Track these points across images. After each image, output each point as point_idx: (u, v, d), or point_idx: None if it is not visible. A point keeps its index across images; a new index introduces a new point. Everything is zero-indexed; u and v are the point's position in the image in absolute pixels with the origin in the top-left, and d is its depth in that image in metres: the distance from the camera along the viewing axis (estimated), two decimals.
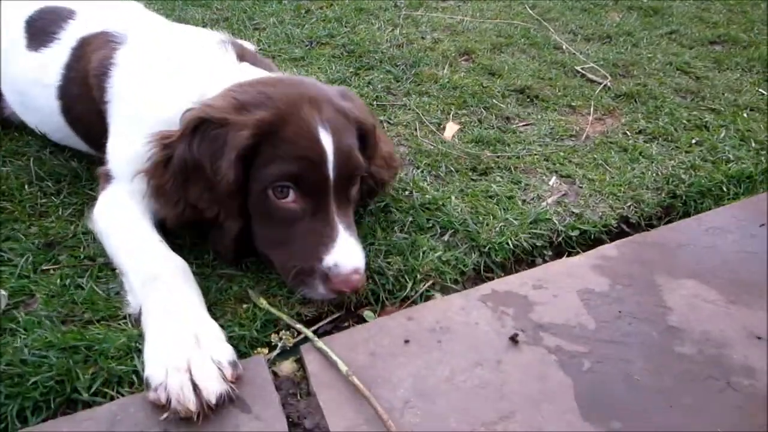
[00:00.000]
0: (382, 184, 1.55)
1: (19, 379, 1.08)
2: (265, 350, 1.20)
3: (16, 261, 1.40)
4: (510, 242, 1.52)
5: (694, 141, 2.05)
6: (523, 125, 2.17)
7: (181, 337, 1.09)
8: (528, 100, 2.36)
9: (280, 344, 1.18)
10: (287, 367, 1.19)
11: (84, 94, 1.56)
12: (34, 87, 1.70)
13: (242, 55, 1.53)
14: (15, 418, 1.04)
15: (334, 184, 1.26)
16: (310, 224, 1.25)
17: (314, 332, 1.30)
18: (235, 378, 1.06)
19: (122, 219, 1.39)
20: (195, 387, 0.99)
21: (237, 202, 1.28)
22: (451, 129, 2.11)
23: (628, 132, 2.13)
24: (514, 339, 1.21)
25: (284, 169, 1.22)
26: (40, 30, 1.71)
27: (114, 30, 1.60)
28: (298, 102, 1.27)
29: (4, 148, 1.85)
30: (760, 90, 2.47)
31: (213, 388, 1.01)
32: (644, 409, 1.09)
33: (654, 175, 1.85)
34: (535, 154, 1.95)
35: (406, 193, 1.72)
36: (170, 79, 1.44)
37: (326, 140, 1.24)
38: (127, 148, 1.41)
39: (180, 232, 1.43)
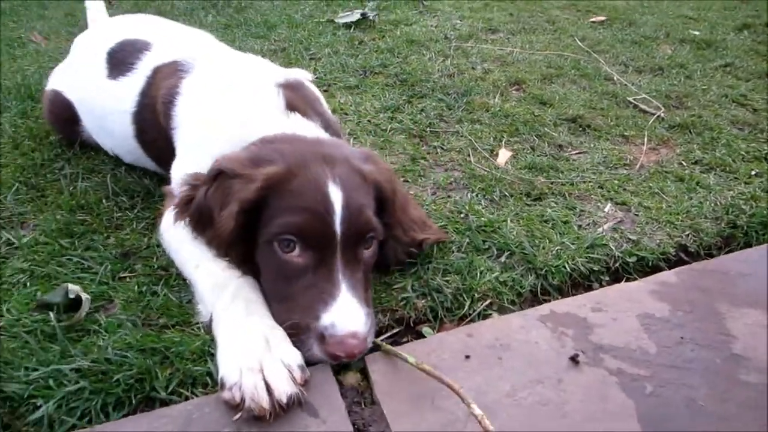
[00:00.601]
0: (419, 244, 1.49)
1: (102, 376, 1.15)
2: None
3: (96, 269, 1.49)
4: (567, 266, 1.54)
5: (753, 172, 2.03)
6: (576, 153, 2.20)
7: (252, 341, 1.14)
8: (580, 129, 2.38)
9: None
10: (351, 377, 1.22)
11: (155, 120, 1.67)
12: (112, 113, 1.83)
13: (292, 104, 1.53)
14: (99, 412, 1.10)
15: (341, 240, 1.21)
16: (312, 279, 1.20)
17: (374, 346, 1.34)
18: (303, 381, 1.10)
19: (185, 235, 1.44)
20: (267, 387, 1.04)
21: (239, 252, 1.30)
22: (503, 155, 2.14)
23: (683, 162, 2.12)
24: (574, 359, 1.22)
25: (289, 221, 1.21)
26: (120, 61, 1.84)
27: (183, 59, 1.71)
28: (311, 158, 1.28)
29: (81, 166, 1.98)
30: None
31: (284, 388, 1.05)
32: None
33: (712, 205, 1.84)
34: (590, 182, 1.97)
35: (462, 215, 1.75)
36: (223, 116, 1.51)
37: (335, 195, 1.22)
38: (184, 171, 1.49)
39: None
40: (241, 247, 1.30)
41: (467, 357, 1.23)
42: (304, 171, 1.25)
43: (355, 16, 3.54)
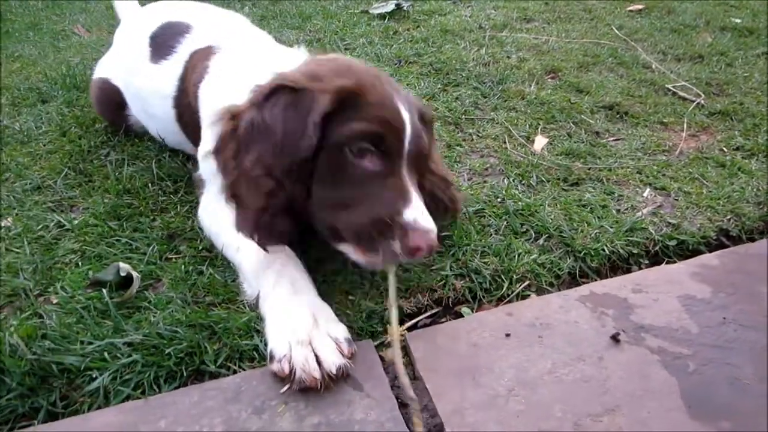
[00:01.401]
0: (441, 203, 1.50)
1: (154, 350, 1.20)
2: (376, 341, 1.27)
3: (143, 249, 1.54)
4: (606, 248, 1.54)
5: None
6: (614, 140, 2.18)
7: (300, 315, 1.17)
8: (617, 116, 2.36)
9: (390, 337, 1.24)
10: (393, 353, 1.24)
11: (190, 103, 1.71)
12: (155, 96, 1.88)
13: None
14: (152, 384, 1.15)
15: (407, 156, 1.26)
16: (385, 184, 1.22)
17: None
18: (350, 354, 1.13)
19: (222, 221, 1.46)
20: (317, 358, 1.07)
21: (310, 168, 1.23)
22: (540, 142, 2.14)
23: (724, 148, 2.09)
24: (615, 338, 1.22)
25: (367, 128, 1.20)
26: (162, 44, 1.89)
27: (217, 44, 1.74)
28: (378, 77, 1.30)
29: (126, 152, 2.04)
30: None
31: (333, 360, 1.08)
32: (754, 411, 1.07)
33: (755, 190, 1.81)
34: (628, 167, 1.95)
35: (499, 200, 1.76)
36: (245, 82, 1.38)
37: (405, 114, 1.26)
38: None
39: None
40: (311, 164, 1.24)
41: (507, 335, 1.24)
42: (375, 87, 1.26)
43: (390, 6, 3.55)
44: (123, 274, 1.35)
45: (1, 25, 3.80)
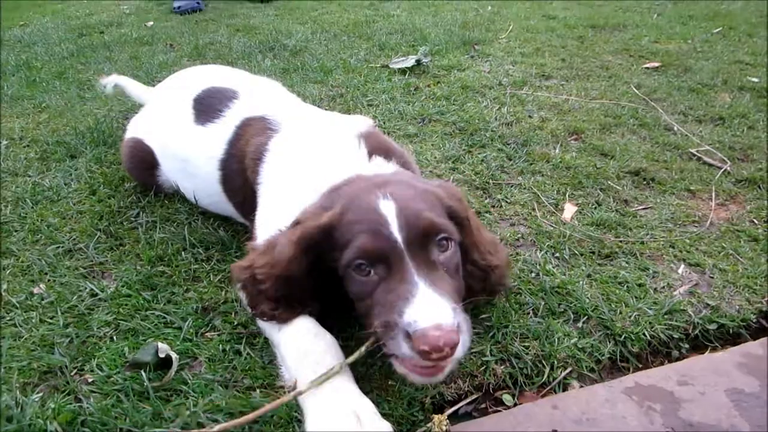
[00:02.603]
0: (493, 269, 1.48)
1: None
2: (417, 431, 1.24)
3: (178, 323, 1.53)
4: (646, 332, 1.52)
5: None
6: (642, 209, 2.17)
7: (341, 413, 1.15)
8: (644, 182, 2.36)
9: (434, 427, 1.21)
10: None
11: (242, 171, 1.73)
12: (198, 157, 1.90)
13: (375, 149, 1.59)
14: None
15: (406, 245, 1.22)
16: (388, 285, 1.21)
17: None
18: None
19: None
20: None
21: (306, 286, 1.36)
22: (569, 210, 2.14)
23: (755, 220, 2.08)
24: None
25: (353, 247, 1.24)
26: (208, 107, 1.93)
27: (271, 117, 1.77)
28: (365, 190, 1.32)
29: (156, 214, 2.05)
30: None
31: None
32: None
33: None
34: (660, 240, 1.95)
35: (533, 275, 1.75)
36: (309, 171, 1.55)
37: (386, 207, 1.25)
38: (271, 226, 1.52)
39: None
40: (310, 282, 1.35)
41: None
42: (356, 202, 1.29)
43: (410, 62, 3.61)
44: (162, 355, 1.34)
45: (29, 74, 3.86)
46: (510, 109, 3.04)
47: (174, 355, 1.36)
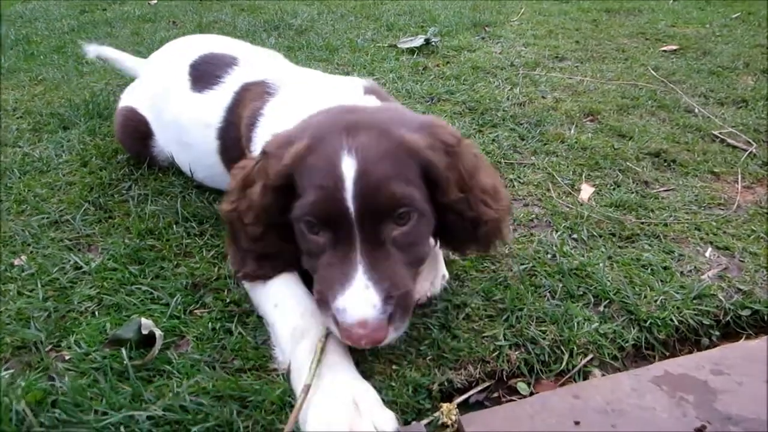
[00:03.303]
0: (485, 222, 1.27)
1: (177, 426, 1.06)
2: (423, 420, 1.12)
3: (166, 299, 1.41)
4: (674, 318, 1.39)
5: None
6: (664, 190, 2.04)
7: (339, 401, 1.04)
8: (665, 164, 2.23)
9: (443, 417, 1.10)
10: None
11: (239, 139, 1.60)
12: (195, 126, 1.77)
13: (372, 91, 1.49)
14: None
15: (357, 218, 1.09)
16: (331, 258, 1.13)
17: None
18: None
19: None
20: None
21: (277, 233, 1.25)
22: (586, 191, 2.01)
23: None
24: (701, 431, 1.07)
25: (304, 202, 1.13)
26: (205, 73, 1.80)
27: (271, 80, 1.64)
28: (333, 129, 1.16)
29: (150, 188, 1.93)
30: None
31: None
32: None
33: None
34: (684, 222, 1.82)
35: (549, 256, 1.63)
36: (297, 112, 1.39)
37: (347, 167, 1.09)
38: None
39: None
40: (280, 228, 1.24)
41: (576, 423, 1.09)
42: (321, 145, 1.14)
43: (418, 41, 3.47)
44: (145, 332, 1.22)
45: (27, 47, 3.74)
46: (522, 90, 2.90)
47: (158, 333, 1.24)
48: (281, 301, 1.29)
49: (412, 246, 1.19)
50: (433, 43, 3.52)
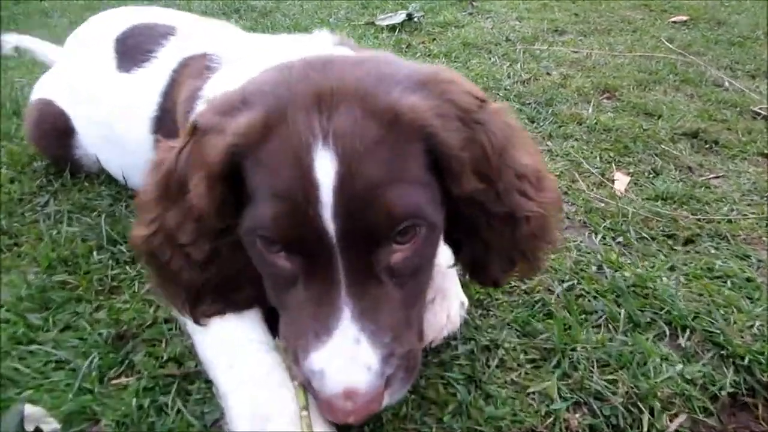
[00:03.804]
0: (526, 221, 0.87)
1: None
2: None
3: (75, 364, 0.99)
4: None
5: None
6: (713, 177, 1.68)
7: None
8: (705, 146, 1.86)
9: None
10: None
11: (178, 132, 1.18)
12: (123, 116, 1.35)
13: (345, 44, 1.13)
14: None
15: (340, 241, 0.73)
16: (304, 295, 0.77)
17: None
18: None
19: None
20: None
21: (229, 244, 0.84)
22: (622, 181, 1.63)
23: None
24: None
25: (259, 212, 0.75)
26: (134, 47, 1.38)
27: (215, 53, 1.22)
28: (298, 97, 0.75)
29: (70, 201, 1.50)
30: None
31: None
32: None
33: None
34: (751, 217, 1.45)
35: (595, 268, 1.24)
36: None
37: (324, 166, 0.71)
38: None
39: None
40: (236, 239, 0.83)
41: None
42: (283, 123, 0.74)
43: (400, 17, 3.07)
44: (29, 428, 0.80)
45: None
46: (524, 66, 2.52)
47: (51, 426, 0.82)
48: (239, 358, 0.88)
49: (418, 273, 0.81)
50: (415, 19, 3.13)
